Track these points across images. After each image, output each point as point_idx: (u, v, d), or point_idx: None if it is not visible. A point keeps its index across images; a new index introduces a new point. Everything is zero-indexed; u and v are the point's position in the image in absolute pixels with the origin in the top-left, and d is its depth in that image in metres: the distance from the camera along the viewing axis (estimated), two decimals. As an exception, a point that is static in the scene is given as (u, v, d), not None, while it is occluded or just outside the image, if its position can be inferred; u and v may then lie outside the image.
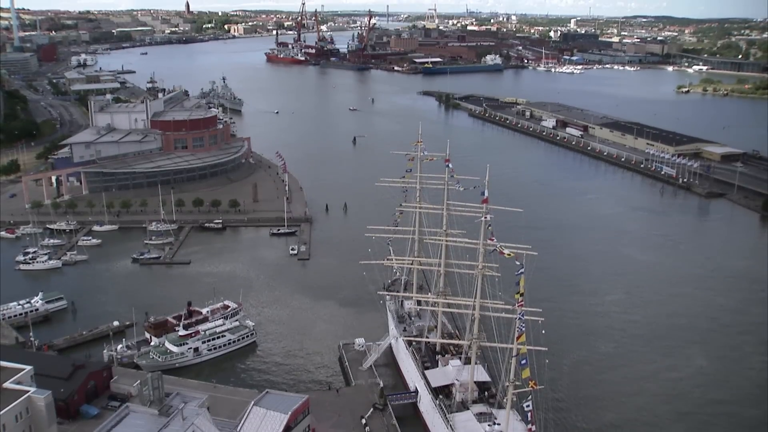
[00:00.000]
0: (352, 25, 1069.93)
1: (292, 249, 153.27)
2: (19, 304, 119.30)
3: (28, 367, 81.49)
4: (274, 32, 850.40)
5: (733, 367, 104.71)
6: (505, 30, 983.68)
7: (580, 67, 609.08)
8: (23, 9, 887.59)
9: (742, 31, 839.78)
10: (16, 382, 78.33)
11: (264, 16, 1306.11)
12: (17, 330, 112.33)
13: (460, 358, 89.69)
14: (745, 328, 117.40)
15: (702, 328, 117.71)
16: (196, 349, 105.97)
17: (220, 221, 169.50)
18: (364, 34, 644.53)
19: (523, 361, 69.06)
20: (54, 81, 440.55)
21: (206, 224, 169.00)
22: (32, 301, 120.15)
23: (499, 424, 76.66)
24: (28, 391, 76.29)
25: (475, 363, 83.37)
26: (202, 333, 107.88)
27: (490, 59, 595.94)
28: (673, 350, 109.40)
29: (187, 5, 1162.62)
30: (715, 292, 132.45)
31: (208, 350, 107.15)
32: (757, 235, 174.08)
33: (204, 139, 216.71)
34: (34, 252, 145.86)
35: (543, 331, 73.23)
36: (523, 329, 69.20)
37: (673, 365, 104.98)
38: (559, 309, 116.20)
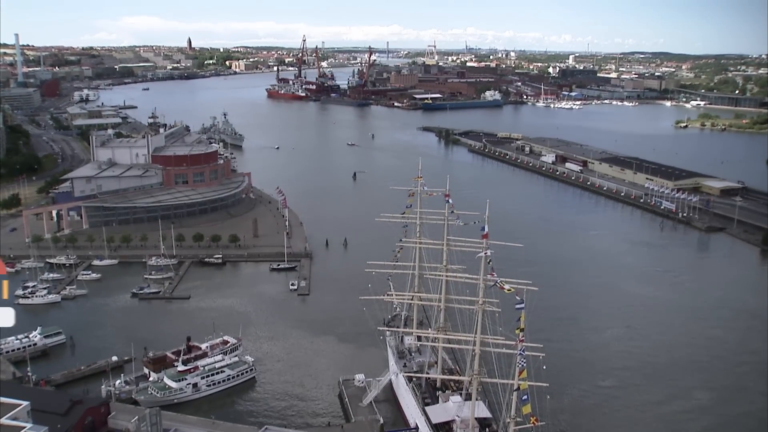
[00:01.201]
0: (353, 62, 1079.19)
1: (292, 284, 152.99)
2: (17, 339, 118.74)
3: (25, 403, 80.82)
4: (275, 68, 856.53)
5: (734, 402, 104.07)
6: (504, 66, 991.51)
7: (578, 102, 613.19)
8: (28, 45, 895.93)
9: (739, 67, 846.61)
10: (13, 418, 77.64)
11: (265, 52, 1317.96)
12: (15, 365, 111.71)
13: (460, 394, 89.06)
14: (745, 362, 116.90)
15: (702, 362, 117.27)
16: (195, 385, 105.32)
17: (220, 256, 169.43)
18: (365, 70, 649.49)
19: (524, 397, 68.74)
20: (56, 116, 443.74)
21: (206, 259, 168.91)
22: (30, 336, 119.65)
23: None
24: (24, 427, 75.62)
25: (476, 399, 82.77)
26: (201, 368, 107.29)
27: (490, 95, 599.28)
28: (673, 385, 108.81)
29: (189, 42, 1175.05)
30: (715, 326, 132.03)
31: (207, 386, 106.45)
32: (757, 269, 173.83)
33: (204, 174, 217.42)
34: (33, 286, 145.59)
35: (544, 367, 72.89)
36: (524, 365, 68.96)
37: (674, 400, 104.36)
38: (559, 343, 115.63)
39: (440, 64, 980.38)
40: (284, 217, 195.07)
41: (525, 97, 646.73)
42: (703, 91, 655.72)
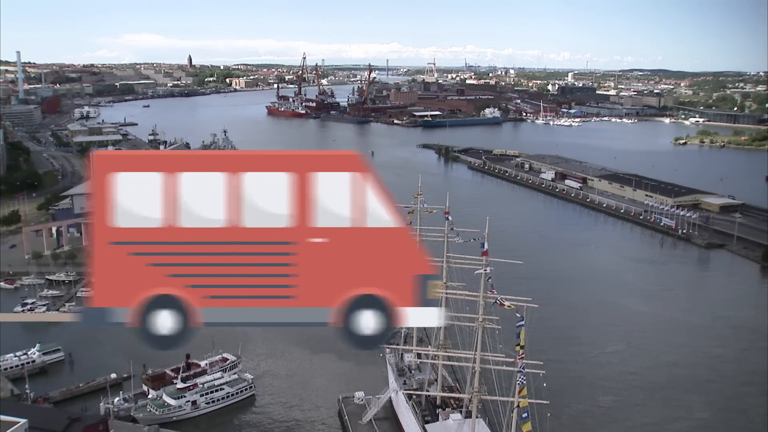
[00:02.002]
0: (353, 79, 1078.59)
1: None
2: (15, 356, 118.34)
3: (23, 420, 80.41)
4: (275, 86, 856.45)
5: (735, 421, 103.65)
6: (503, 83, 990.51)
7: (578, 119, 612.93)
8: (29, 63, 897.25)
9: (737, 84, 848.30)
10: (11, 436, 77.33)
11: (265, 69, 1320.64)
12: (13, 382, 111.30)
13: (460, 412, 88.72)
14: (746, 381, 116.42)
15: (702, 379, 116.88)
16: (194, 402, 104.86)
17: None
18: (364, 87, 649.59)
19: (525, 415, 68.50)
20: (57, 133, 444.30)
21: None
22: (29, 353, 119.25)
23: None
24: (22, 446, 75.35)
25: (476, 417, 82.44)
26: (201, 386, 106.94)
27: (489, 112, 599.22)
28: (673, 402, 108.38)
29: (190, 59, 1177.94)
30: (715, 344, 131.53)
31: (207, 403, 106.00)
32: (757, 286, 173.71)
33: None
34: (32, 303, 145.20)
35: (544, 384, 72.69)
36: (525, 382, 68.79)
37: (674, 418, 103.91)
38: (559, 361, 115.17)
39: (440, 81, 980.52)
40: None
41: (524, 114, 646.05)
42: (701, 108, 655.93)
